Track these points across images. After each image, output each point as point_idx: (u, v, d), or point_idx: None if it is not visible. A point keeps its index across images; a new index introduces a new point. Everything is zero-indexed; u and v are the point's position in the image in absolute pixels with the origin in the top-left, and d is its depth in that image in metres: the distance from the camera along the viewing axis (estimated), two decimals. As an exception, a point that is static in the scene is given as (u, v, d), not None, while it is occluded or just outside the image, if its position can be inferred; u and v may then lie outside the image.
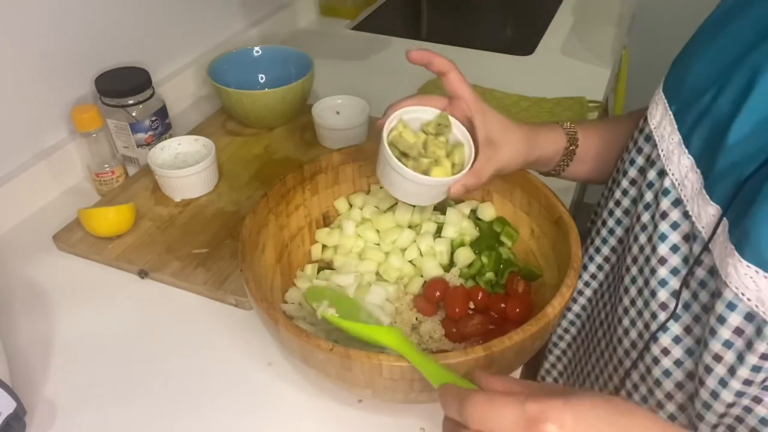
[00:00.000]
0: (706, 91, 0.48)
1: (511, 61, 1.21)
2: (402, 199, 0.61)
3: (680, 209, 0.50)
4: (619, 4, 1.42)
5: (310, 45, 1.27)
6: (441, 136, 0.60)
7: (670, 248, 0.51)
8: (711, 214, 0.46)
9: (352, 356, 0.48)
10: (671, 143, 0.51)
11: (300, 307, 0.64)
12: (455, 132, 0.61)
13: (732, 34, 0.48)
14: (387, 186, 0.60)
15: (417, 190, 0.59)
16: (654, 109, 0.55)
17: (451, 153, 0.60)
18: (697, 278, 0.49)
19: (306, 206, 0.70)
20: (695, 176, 0.48)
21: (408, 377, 0.49)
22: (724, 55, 0.48)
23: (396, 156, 0.57)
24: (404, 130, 0.59)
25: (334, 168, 0.71)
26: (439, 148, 0.59)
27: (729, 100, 0.46)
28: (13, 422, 0.54)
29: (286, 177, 0.67)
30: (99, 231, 0.76)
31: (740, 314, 0.44)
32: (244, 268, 0.57)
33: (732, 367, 0.45)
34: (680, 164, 0.50)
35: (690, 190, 0.49)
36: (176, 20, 1.03)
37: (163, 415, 0.59)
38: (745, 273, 0.42)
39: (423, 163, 0.58)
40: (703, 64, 0.50)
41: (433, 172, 0.58)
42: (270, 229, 0.65)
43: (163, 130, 0.91)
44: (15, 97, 0.80)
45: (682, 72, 0.52)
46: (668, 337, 0.52)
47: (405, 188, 0.59)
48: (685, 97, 0.51)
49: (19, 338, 0.67)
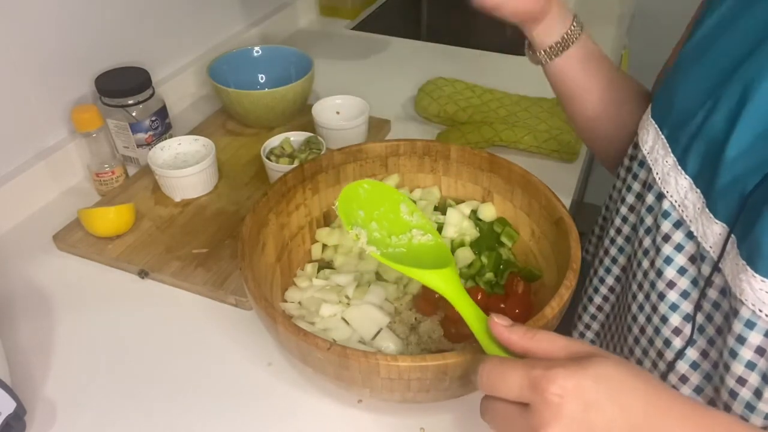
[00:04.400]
0: (698, 110, 0.48)
1: (511, 61, 1.21)
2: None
3: (683, 230, 0.49)
4: (619, 4, 1.42)
5: (310, 45, 1.27)
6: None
7: (677, 271, 0.50)
8: (717, 232, 0.46)
9: (350, 355, 0.48)
10: (666, 165, 0.51)
11: (300, 306, 0.64)
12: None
13: (719, 53, 0.48)
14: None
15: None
16: (645, 135, 0.54)
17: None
18: (710, 299, 0.48)
19: (306, 205, 0.70)
20: (695, 196, 0.48)
21: (405, 377, 0.49)
22: (713, 73, 0.48)
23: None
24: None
25: (335, 167, 0.71)
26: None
27: (723, 116, 0.45)
28: (13, 422, 0.54)
29: (287, 176, 0.67)
30: (99, 231, 0.76)
31: (760, 332, 0.43)
32: (243, 266, 0.57)
33: (757, 389, 0.44)
34: (678, 185, 0.49)
35: (692, 210, 0.48)
36: (176, 20, 1.03)
37: (163, 415, 0.59)
38: (761, 288, 0.41)
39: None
40: (691, 85, 0.50)
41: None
42: (270, 228, 0.65)
43: (163, 130, 0.91)
44: (15, 97, 0.80)
45: (670, 95, 0.52)
46: (685, 363, 0.51)
47: None
48: (676, 118, 0.50)
49: (19, 338, 0.67)
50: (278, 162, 0.83)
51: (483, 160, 0.70)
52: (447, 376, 0.49)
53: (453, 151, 0.71)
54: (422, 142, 0.72)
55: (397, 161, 0.73)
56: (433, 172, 0.73)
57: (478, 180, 0.71)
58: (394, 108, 1.06)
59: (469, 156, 0.70)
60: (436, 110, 1.00)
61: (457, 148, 0.71)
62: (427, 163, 0.73)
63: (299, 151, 0.85)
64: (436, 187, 0.74)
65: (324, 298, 0.63)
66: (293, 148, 0.86)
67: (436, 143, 0.71)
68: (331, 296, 0.63)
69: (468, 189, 0.73)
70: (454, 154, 0.71)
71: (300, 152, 0.85)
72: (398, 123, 1.01)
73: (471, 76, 1.10)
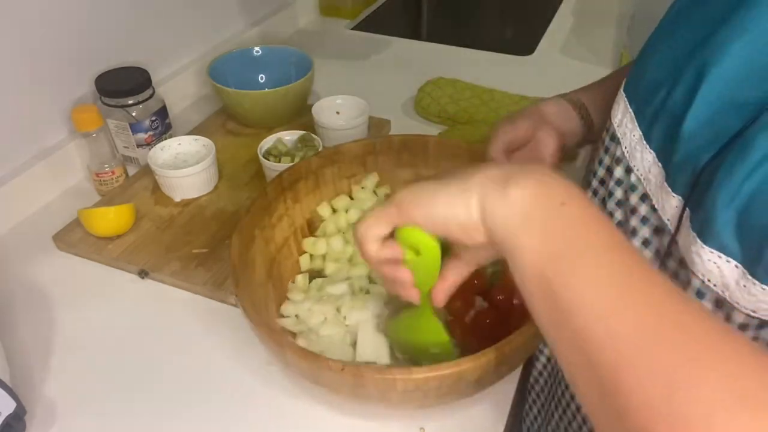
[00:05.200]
0: (662, 87, 0.49)
1: (511, 61, 1.21)
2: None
3: (648, 204, 0.51)
4: (619, 4, 1.42)
5: (310, 45, 1.27)
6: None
7: (641, 243, 0.51)
8: (674, 205, 0.47)
9: (365, 374, 0.48)
10: (633, 139, 0.52)
11: (297, 321, 0.64)
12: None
13: (684, 31, 0.50)
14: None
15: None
16: (616, 109, 0.56)
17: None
18: (670, 270, 0.49)
19: (289, 215, 0.69)
20: (657, 170, 0.49)
21: (423, 387, 0.49)
22: (677, 51, 0.49)
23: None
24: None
25: (314, 172, 0.70)
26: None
27: (682, 93, 0.47)
28: (13, 422, 0.54)
29: (267, 188, 0.66)
30: (99, 231, 0.76)
31: (710, 302, 0.44)
32: (239, 293, 0.56)
33: None
34: (643, 159, 0.51)
35: (654, 184, 0.50)
36: (176, 20, 1.03)
37: (163, 415, 0.59)
38: (709, 259, 0.42)
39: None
40: (658, 62, 0.51)
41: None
42: (257, 245, 0.64)
43: (163, 130, 0.91)
44: (15, 97, 0.80)
45: (639, 70, 0.53)
46: None
47: None
48: (643, 93, 0.52)
49: (19, 338, 0.67)
50: (281, 161, 0.83)
51: (463, 152, 0.69)
52: (462, 380, 0.49)
53: (431, 145, 0.70)
54: (399, 137, 0.71)
55: (375, 159, 0.72)
56: (412, 166, 0.72)
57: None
58: (394, 108, 1.06)
59: (448, 148, 0.70)
60: (436, 110, 1.00)
61: (434, 140, 0.70)
62: (406, 158, 0.72)
63: (296, 149, 0.85)
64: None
65: (322, 311, 0.62)
66: (287, 147, 0.86)
67: (412, 136, 0.71)
68: (328, 308, 0.62)
69: None
70: (432, 147, 0.70)
71: (297, 150, 0.85)
72: (398, 123, 1.01)
73: (471, 76, 1.10)
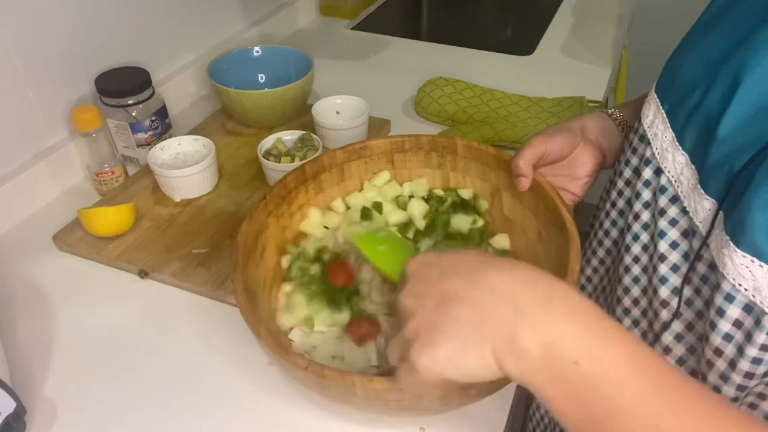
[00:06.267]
0: (696, 88, 0.49)
1: (511, 61, 1.21)
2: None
3: (678, 206, 0.51)
4: (619, 4, 1.42)
5: (310, 45, 1.27)
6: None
7: (669, 245, 0.51)
8: (707, 208, 0.47)
9: (327, 375, 0.48)
10: (665, 141, 0.52)
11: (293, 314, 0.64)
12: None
13: (720, 33, 0.49)
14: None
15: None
16: (647, 109, 0.55)
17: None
18: (699, 274, 0.49)
19: (311, 205, 0.70)
20: (690, 172, 0.49)
21: (383, 398, 0.48)
22: (712, 53, 0.49)
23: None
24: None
25: (338, 165, 0.70)
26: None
27: (718, 96, 0.47)
28: (13, 422, 0.54)
29: (287, 178, 0.66)
30: (99, 231, 0.76)
31: (739, 306, 0.44)
32: (235, 278, 0.56)
33: (732, 360, 0.45)
34: (675, 161, 0.51)
35: (686, 186, 0.49)
36: (176, 20, 1.03)
37: (163, 415, 0.59)
38: (741, 263, 0.42)
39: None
40: (692, 63, 0.51)
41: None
42: (271, 231, 0.64)
43: (163, 130, 0.91)
44: (15, 97, 0.80)
45: (673, 71, 0.53)
46: (670, 335, 0.52)
47: None
48: (676, 95, 0.52)
49: (19, 338, 0.67)
50: (281, 161, 0.83)
51: (490, 157, 0.68)
52: (424, 398, 0.48)
53: (459, 147, 0.69)
54: (427, 137, 0.70)
55: (403, 157, 0.72)
56: (440, 168, 0.72)
57: (486, 176, 0.69)
58: (394, 108, 1.06)
59: (475, 152, 0.69)
60: (436, 110, 1.00)
61: (463, 143, 0.69)
62: (434, 158, 0.71)
63: (295, 149, 0.85)
64: (424, 179, 0.73)
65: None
66: (287, 147, 0.86)
67: (441, 138, 0.70)
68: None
69: (477, 185, 0.71)
70: (461, 149, 0.69)
71: (297, 150, 0.85)
72: (398, 123, 1.01)
73: (471, 76, 1.10)
